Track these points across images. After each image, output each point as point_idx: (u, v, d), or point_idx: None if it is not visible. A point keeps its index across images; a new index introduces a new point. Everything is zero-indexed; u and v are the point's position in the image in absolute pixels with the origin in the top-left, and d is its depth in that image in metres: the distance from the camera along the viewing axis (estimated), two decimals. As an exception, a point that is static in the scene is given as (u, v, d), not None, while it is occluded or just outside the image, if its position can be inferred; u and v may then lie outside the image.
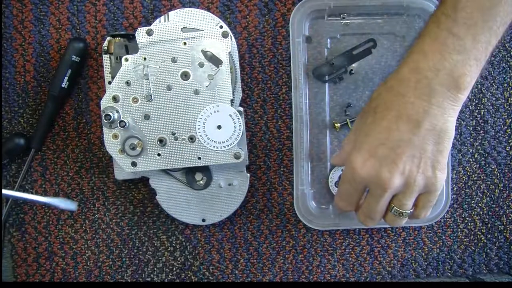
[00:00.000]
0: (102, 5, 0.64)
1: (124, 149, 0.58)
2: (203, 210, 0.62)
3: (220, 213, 0.62)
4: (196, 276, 0.66)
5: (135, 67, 0.58)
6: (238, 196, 0.62)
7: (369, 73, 0.66)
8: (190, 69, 0.58)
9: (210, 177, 0.61)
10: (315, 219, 0.64)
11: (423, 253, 0.67)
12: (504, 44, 0.67)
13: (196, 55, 0.58)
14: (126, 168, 0.59)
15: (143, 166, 0.59)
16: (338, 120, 0.66)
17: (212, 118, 0.58)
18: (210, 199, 0.62)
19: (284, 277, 0.66)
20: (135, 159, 0.58)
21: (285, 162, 0.66)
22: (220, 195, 0.62)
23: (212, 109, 0.58)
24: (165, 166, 0.59)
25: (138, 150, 0.58)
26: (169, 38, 0.58)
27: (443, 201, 0.64)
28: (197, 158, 0.58)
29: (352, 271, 0.67)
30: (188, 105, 0.58)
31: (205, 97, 0.58)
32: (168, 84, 0.58)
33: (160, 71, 0.58)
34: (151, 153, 0.58)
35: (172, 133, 0.58)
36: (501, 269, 0.68)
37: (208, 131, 0.58)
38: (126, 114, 0.58)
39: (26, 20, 0.64)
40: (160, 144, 0.58)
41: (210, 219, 0.62)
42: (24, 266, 0.65)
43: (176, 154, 0.58)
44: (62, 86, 0.62)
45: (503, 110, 0.67)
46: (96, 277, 0.65)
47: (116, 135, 0.58)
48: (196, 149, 0.58)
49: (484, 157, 0.67)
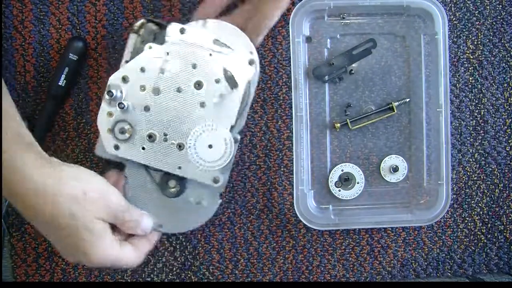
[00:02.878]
0: (102, 5, 0.64)
1: (113, 130, 0.57)
2: (163, 216, 0.59)
3: (178, 226, 0.60)
4: (196, 276, 0.66)
5: (156, 57, 0.57)
6: (201, 217, 0.60)
7: (369, 73, 0.66)
8: (206, 80, 0.57)
9: (183, 189, 0.59)
10: (315, 219, 0.64)
11: (423, 253, 0.67)
12: (504, 44, 0.67)
13: (216, 69, 0.57)
14: (108, 148, 0.57)
15: (125, 153, 0.57)
16: (338, 120, 0.66)
17: (207, 135, 0.57)
18: (173, 209, 0.60)
19: (284, 277, 0.66)
20: (119, 143, 0.57)
21: (285, 162, 0.66)
22: (185, 209, 0.60)
23: (210, 126, 0.57)
24: (145, 162, 0.58)
25: (126, 136, 0.57)
26: (198, 44, 0.57)
27: (443, 201, 0.64)
28: (178, 167, 0.57)
29: (352, 271, 0.67)
30: (190, 113, 0.57)
31: (209, 113, 0.57)
32: (179, 86, 0.57)
33: (177, 71, 0.57)
34: (137, 144, 0.57)
35: (164, 133, 0.57)
36: (501, 269, 0.68)
37: (198, 146, 0.57)
38: (129, 98, 0.57)
39: (26, 20, 0.64)
40: (149, 139, 0.57)
41: (167, 227, 0.60)
42: (24, 266, 0.65)
43: (160, 155, 0.57)
44: (59, 84, 0.62)
45: (503, 110, 0.67)
46: (96, 277, 0.65)
47: (111, 114, 0.57)
48: (180, 158, 0.57)
49: (484, 157, 0.67)
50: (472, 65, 0.67)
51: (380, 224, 0.65)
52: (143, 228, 0.57)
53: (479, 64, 0.67)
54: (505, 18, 0.67)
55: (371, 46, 0.64)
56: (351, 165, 0.66)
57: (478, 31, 0.67)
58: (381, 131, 0.67)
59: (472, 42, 0.67)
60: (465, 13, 0.67)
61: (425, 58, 0.66)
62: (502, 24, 0.67)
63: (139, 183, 0.60)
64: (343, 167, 0.66)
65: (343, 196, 0.66)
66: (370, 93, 0.66)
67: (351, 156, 0.67)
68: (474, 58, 0.67)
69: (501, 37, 0.67)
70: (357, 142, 0.67)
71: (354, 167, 0.66)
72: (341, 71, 0.65)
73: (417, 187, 0.67)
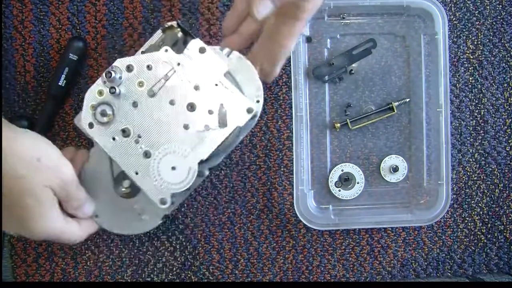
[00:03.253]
0: (102, 5, 0.64)
1: (96, 108, 0.56)
2: (105, 209, 0.58)
3: (114, 225, 0.59)
4: (196, 276, 0.66)
5: (166, 62, 0.56)
6: (137, 227, 0.59)
7: (369, 73, 0.66)
8: (200, 106, 0.55)
9: (134, 194, 0.58)
10: (315, 219, 0.64)
11: (423, 253, 0.67)
12: (504, 44, 0.67)
13: (214, 101, 0.55)
14: (83, 123, 0.56)
15: (95, 134, 0.56)
16: (338, 120, 0.66)
17: (176, 156, 0.56)
18: (117, 207, 0.59)
19: (284, 277, 0.66)
20: (95, 123, 0.56)
21: (285, 162, 0.66)
22: (127, 213, 0.59)
23: (183, 150, 0.56)
24: (108, 152, 0.56)
25: (103, 119, 0.56)
26: (210, 69, 0.56)
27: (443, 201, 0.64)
28: (135, 172, 0.56)
29: (352, 271, 0.67)
30: (171, 130, 0.56)
31: (188, 138, 0.56)
32: (174, 100, 0.55)
33: (179, 85, 0.56)
34: (109, 132, 0.56)
35: (139, 135, 0.56)
36: (501, 269, 0.68)
37: (163, 162, 0.56)
38: (123, 87, 0.56)
39: (26, 20, 0.64)
40: (122, 133, 0.56)
41: (104, 221, 0.59)
42: (24, 266, 0.65)
43: (125, 153, 0.56)
44: (59, 84, 0.62)
45: (503, 110, 0.67)
46: (96, 277, 0.65)
47: (101, 92, 0.56)
48: (142, 165, 0.56)
49: (484, 157, 0.67)
50: (472, 65, 0.67)
51: (380, 224, 0.65)
52: (85, 211, 0.56)
53: (479, 64, 0.67)
54: (505, 18, 0.67)
55: (371, 46, 0.64)
56: (351, 165, 0.66)
57: (478, 31, 0.67)
58: (381, 131, 0.67)
59: (472, 42, 0.67)
60: (465, 13, 0.67)
61: (425, 58, 0.66)
62: (502, 24, 0.67)
63: (97, 169, 0.58)
64: (343, 167, 0.66)
65: (343, 196, 0.66)
66: (370, 93, 0.66)
67: (351, 156, 0.67)
68: (474, 58, 0.67)
69: (501, 37, 0.67)
70: (357, 142, 0.67)
71: (354, 167, 0.66)
72: (341, 71, 0.65)
73: (417, 187, 0.67)
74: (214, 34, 0.65)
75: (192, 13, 0.65)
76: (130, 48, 0.65)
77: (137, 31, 0.65)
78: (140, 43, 0.65)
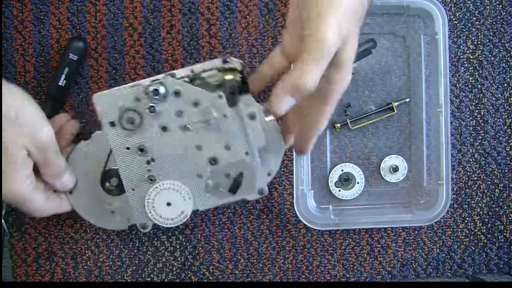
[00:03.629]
0: (102, 5, 0.64)
1: (126, 111, 0.53)
2: (84, 194, 0.57)
3: (86, 212, 0.58)
4: (196, 276, 0.66)
5: (213, 109, 0.54)
6: (103, 221, 0.58)
7: (369, 73, 0.66)
8: (222, 165, 0.55)
9: (116, 194, 0.58)
10: (315, 219, 0.64)
11: (423, 253, 0.67)
12: (504, 44, 0.67)
13: (237, 167, 0.55)
14: (106, 115, 0.54)
15: (111, 133, 0.54)
16: (338, 120, 0.66)
17: (175, 195, 0.56)
18: (96, 196, 0.57)
19: (284, 277, 0.66)
20: (117, 123, 0.54)
21: (285, 162, 0.66)
22: (99, 202, 0.58)
23: (185, 193, 0.56)
24: (116, 156, 0.55)
25: (127, 126, 0.54)
26: (250, 136, 0.54)
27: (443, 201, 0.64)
28: (132, 188, 0.56)
29: (352, 271, 0.67)
30: (184, 170, 0.55)
31: (196, 185, 0.56)
32: (201, 146, 0.55)
33: (214, 136, 0.54)
34: (126, 140, 0.54)
35: (152, 159, 0.55)
36: (501, 269, 0.68)
37: (162, 194, 0.56)
38: (161, 107, 0.53)
39: (26, 20, 0.64)
40: (138, 149, 0.55)
41: (74, 199, 0.57)
42: (24, 266, 0.65)
43: (132, 167, 0.55)
44: (59, 84, 0.62)
45: (503, 110, 0.67)
46: (96, 277, 0.65)
47: (138, 99, 0.53)
48: (141, 186, 0.56)
49: (484, 157, 0.67)
50: (472, 65, 0.67)
51: (380, 224, 0.65)
52: (64, 181, 0.54)
53: (479, 64, 0.67)
54: (505, 18, 0.67)
55: (371, 46, 0.64)
56: (351, 165, 0.66)
57: (478, 31, 0.67)
58: (381, 131, 0.67)
59: (472, 42, 0.67)
60: (465, 13, 0.67)
61: (425, 58, 0.66)
62: (502, 24, 0.67)
63: (92, 153, 0.56)
64: (343, 167, 0.66)
65: (343, 196, 0.66)
66: (370, 93, 0.66)
67: (351, 156, 0.67)
68: (474, 58, 0.67)
69: (501, 37, 0.67)
70: (357, 142, 0.67)
71: (354, 167, 0.66)
72: (341, 71, 0.65)
73: (417, 187, 0.67)
74: (214, 34, 0.65)
75: (192, 13, 0.65)
76: (130, 48, 0.65)
77: (137, 31, 0.65)
78: (140, 43, 0.65)
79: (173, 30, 0.65)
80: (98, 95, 0.54)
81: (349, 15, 0.44)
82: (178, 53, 0.65)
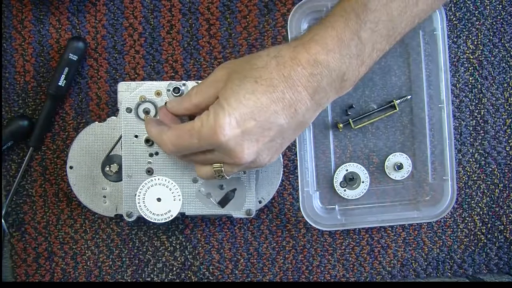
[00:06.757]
0: (102, 5, 0.64)
1: (143, 102, 0.58)
2: (76, 162, 0.61)
3: (79, 192, 0.61)
4: (196, 276, 0.66)
5: None
6: (91, 202, 0.61)
7: (369, 73, 0.66)
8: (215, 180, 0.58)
9: (112, 179, 0.60)
10: (322, 220, 0.63)
11: (423, 253, 0.67)
12: (504, 44, 0.67)
13: (232, 182, 0.59)
14: (125, 101, 0.58)
15: (125, 119, 0.58)
16: (340, 121, 0.66)
17: (167, 193, 0.58)
18: (87, 172, 0.60)
19: (284, 277, 0.66)
20: (133, 111, 0.58)
21: (285, 162, 0.66)
22: (93, 182, 0.60)
23: (177, 194, 0.58)
24: (123, 141, 0.58)
25: (141, 115, 0.58)
26: None
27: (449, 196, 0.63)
28: (128, 176, 0.58)
29: (352, 271, 0.67)
30: (181, 171, 0.58)
31: (189, 189, 0.59)
32: None
33: None
34: (137, 129, 0.58)
35: (156, 152, 0.58)
36: (501, 269, 0.68)
37: (154, 189, 0.58)
38: None
39: (26, 20, 0.64)
40: (145, 140, 0.58)
41: (74, 184, 0.61)
42: (24, 266, 0.65)
43: (135, 155, 0.58)
44: (59, 84, 0.62)
45: (503, 110, 0.67)
46: (96, 277, 0.65)
47: (159, 93, 0.58)
48: (138, 176, 0.58)
49: (484, 157, 0.67)
50: (472, 65, 0.67)
51: (386, 222, 0.64)
52: None
53: (479, 64, 0.67)
54: (505, 18, 0.67)
55: (371, 46, 0.64)
56: (355, 164, 0.66)
57: (478, 31, 0.67)
58: (383, 129, 0.67)
59: (472, 42, 0.67)
60: (465, 13, 0.67)
61: (425, 57, 0.66)
62: (502, 24, 0.67)
63: (101, 135, 0.60)
64: (348, 166, 0.66)
65: (348, 196, 0.66)
66: (371, 93, 0.66)
67: (355, 155, 0.67)
68: (474, 58, 0.67)
69: (501, 37, 0.67)
70: (360, 141, 0.66)
71: (359, 167, 0.66)
72: (341, 71, 0.65)
73: (422, 184, 0.66)
74: (213, 34, 0.65)
75: (192, 13, 0.65)
76: (130, 48, 0.65)
77: (137, 31, 0.65)
78: (140, 43, 0.65)
79: (173, 30, 0.65)
80: (123, 83, 0.59)
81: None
82: (178, 53, 0.65)
